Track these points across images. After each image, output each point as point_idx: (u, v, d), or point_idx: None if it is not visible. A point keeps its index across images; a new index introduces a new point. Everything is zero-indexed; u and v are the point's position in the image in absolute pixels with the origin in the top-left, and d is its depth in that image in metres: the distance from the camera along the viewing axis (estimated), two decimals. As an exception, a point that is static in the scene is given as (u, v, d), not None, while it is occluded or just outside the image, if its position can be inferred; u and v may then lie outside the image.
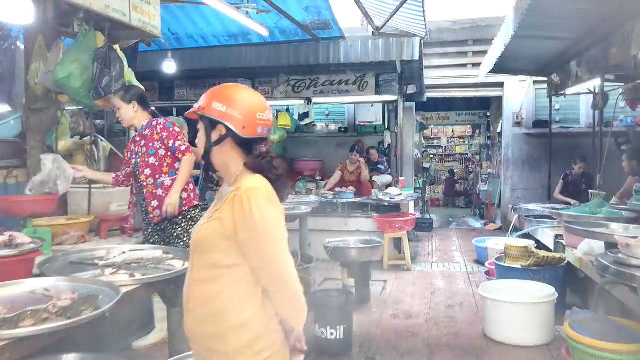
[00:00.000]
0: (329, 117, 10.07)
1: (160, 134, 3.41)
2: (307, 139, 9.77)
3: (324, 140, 9.69)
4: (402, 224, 6.36)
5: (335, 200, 6.86)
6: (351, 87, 7.30)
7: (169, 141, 3.39)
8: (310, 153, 9.75)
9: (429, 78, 9.25)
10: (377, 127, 9.35)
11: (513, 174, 8.99)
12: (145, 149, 3.41)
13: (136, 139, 3.51)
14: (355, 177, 7.66)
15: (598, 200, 4.53)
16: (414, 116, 9.53)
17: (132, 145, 3.54)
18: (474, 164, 15.72)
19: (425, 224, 9.08)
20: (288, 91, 7.48)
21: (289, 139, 9.71)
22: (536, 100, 9.05)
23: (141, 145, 3.44)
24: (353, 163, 7.71)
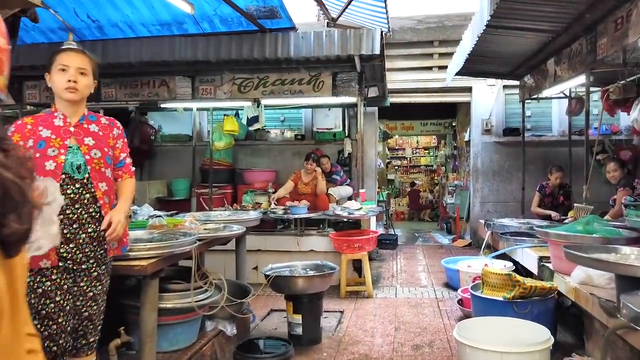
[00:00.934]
0: (284, 123, 9.17)
1: (116, 140, 2.49)
2: (260, 147, 8.83)
3: (278, 149, 8.77)
4: (362, 244, 5.48)
5: (278, 216, 5.92)
6: (305, 87, 6.42)
7: (122, 154, 2.52)
8: (263, 162, 8.80)
9: (392, 82, 8.50)
10: (337, 134, 8.51)
11: (482, 186, 8.30)
12: (101, 154, 2.37)
13: (70, 128, 2.35)
14: (310, 188, 6.78)
15: (593, 216, 3.77)
16: (376, 122, 8.75)
17: (55, 134, 2.32)
18: (439, 176, 15.13)
19: (389, 240, 8.26)
20: (233, 91, 6.54)
21: (238, 147, 8.77)
22: (506, 107, 8.43)
23: (89, 145, 2.36)
24: (308, 173, 6.82)
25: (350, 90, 6.38)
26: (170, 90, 6.67)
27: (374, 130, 8.54)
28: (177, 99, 6.66)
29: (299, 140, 8.71)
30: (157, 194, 8.67)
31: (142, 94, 6.72)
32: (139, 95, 6.73)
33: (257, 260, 6.13)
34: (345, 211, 5.90)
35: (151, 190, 8.60)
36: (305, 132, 8.88)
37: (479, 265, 5.31)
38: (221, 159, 8.37)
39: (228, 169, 8.47)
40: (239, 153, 8.86)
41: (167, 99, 6.68)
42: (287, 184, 6.78)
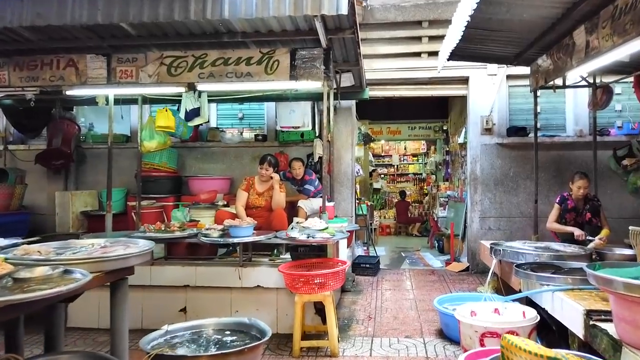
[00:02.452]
0: (243, 121, 7.61)
1: None
2: (212, 149, 7.25)
3: (235, 152, 7.20)
4: (325, 280, 3.91)
5: (211, 240, 4.33)
6: (255, 68, 4.88)
7: None
8: (216, 169, 7.23)
9: (373, 70, 7.01)
10: (305, 133, 6.98)
11: (482, 197, 6.79)
12: None
13: None
14: (264, 201, 5.21)
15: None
16: (353, 120, 7.23)
17: None
18: (429, 185, 13.64)
19: (369, 264, 6.70)
20: (161, 73, 4.97)
21: (186, 150, 7.19)
22: (510, 101, 6.96)
23: None
24: (263, 181, 5.26)
25: (314, 73, 4.84)
26: (79, 73, 5.07)
27: (351, 129, 7.02)
28: (89, 83, 5.05)
29: (260, 141, 7.15)
30: (85, 207, 7.06)
31: (42, 78, 5.11)
32: (39, 79, 5.12)
33: (185, 300, 4.54)
34: (303, 233, 4.34)
35: (76, 203, 6.98)
36: (268, 132, 7.33)
37: (486, 310, 3.78)
38: (161, 164, 6.77)
39: (171, 177, 6.87)
40: (187, 157, 7.28)
41: (75, 84, 5.07)
42: (239, 195, 5.21)
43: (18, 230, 6.08)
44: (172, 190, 6.83)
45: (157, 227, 4.66)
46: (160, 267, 4.59)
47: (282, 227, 4.89)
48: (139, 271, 2.87)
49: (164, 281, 4.55)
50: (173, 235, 4.43)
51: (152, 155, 6.74)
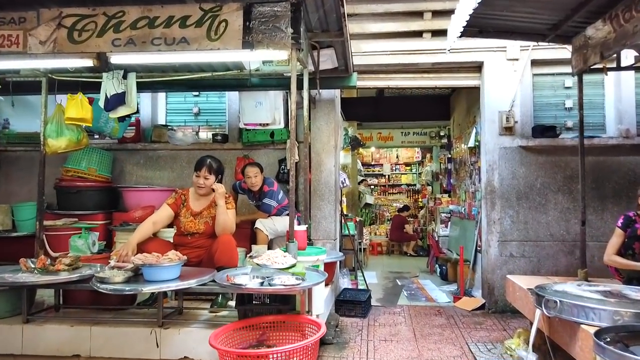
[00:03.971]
0: (200, 118, 6.07)
1: None
2: (158, 153, 5.70)
3: (188, 156, 5.66)
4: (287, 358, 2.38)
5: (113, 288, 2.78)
6: (193, 31, 3.38)
7: None
8: (163, 177, 5.68)
9: (362, 54, 5.54)
10: (276, 133, 5.47)
11: (502, 215, 5.32)
12: None
13: None
14: (204, 224, 3.60)
15: None
16: (337, 116, 5.73)
17: None
18: (424, 197, 12.19)
19: (358, 302, 5.16)
20: (60, 39, 3.45)
21: (122, 152, 5.64)
22: (535, 93, 5.53)
23: None
24: (201, 195, 3.69)
25: (278, 38, 3.38)
26: (-59, 38, 3.54)
27: (334, 128, 5.53)
28: (-46, 53, 3.52)
29: (219, 142, 5.62)
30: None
31: None
32: None
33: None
34: (257, 275, 2.81)
35: (-21, 221, 5.36)
36: (230, 131, 5.81)
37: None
38: (88, 171, 5.20)
39: (100, 188, 5.30)
40: (125, 163, 5.72)
41: None
42: (159, 213, 3.64)
43: None
44: (102, 205, 5.26)
45: (40, 263, 3.10)
46: (39, 325, 3.01)
47: (230, 261, 3.35)
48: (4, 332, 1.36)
49: (43, 349, 2.97)
50: (49, 279, 2.87)
51: (76, 159, 5.20)
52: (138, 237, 3.33)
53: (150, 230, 3.48)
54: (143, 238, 3.38)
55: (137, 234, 3.37)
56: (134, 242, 3.26)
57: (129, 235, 4.45)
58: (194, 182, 3.62)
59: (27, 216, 5.27)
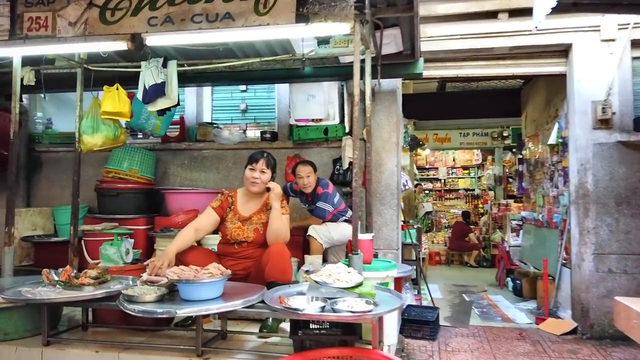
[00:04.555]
0: (247, 115, 5.61)
1: None
2: (203, 153, 5.27)
3: (234, 156, 5.20)
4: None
5: (142, 311, 2.29)
6: (239, 4, 2.88)
7: None
8: (208, 179, 5.24)
9: (428, 39, 4.90)
10: (330, 129, 4.90)
11: (599, 224, 4.50)
12: None
13: None
14: (254, 231, 3.03)
15: None
16: (398, 109, 5.09)
17: None
18: (486, 203, 11.29)
19: (425, 322, 4.49)
20: (90, 21, 3.03)
21: (166, 153, 5.26)
22: (635, 80, 4.69)
23: None
24: (253, 195, 3.13)
25: (338, 9, 2.81)
26: (-32, 24, 3.21)
27: (395, 123, 4.90)
28: (-19, 39, 3.18)
29: (268, 141, 5.12)
30: (32, 230, 5.20)
31: None
32: None
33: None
34: (315, 295, 2.24)
35: (19, 225, 5.11)
36: (280, 129, 5.30)
37: None
38: (130, 172, 4.83)
39: (142, 190, 4.92)
40: (169, 164, 5.32)
41: (-39, 41, 3.21)
42: (201, 218, 3.12)
43: None
44: (144, 209, 4.87)
45: (64, 275, 2.65)
46: (61, 349, 2.55)
47: (283, 275, 2.79)
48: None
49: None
50: (69, 296, 2.40)
51: (118, 159, 4.84)
52: (177, 246, 2.84)
53: (191, 238, 2.98)
54: (183, 247, 2.88)
55: (176, 242, 2.87)
56: (172, 252, 2.77)
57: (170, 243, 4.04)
58: (247, 177, 3.05)
59: (68, 220, 4.95)
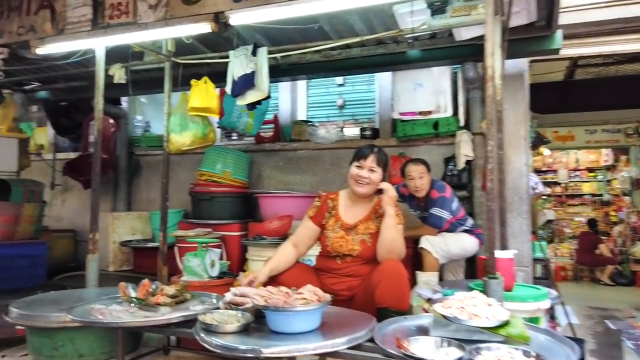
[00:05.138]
0: (345, 111, 5.09)
1: None
2: (299, 153, 4.85)
3: (331, 157, 4.71)
4: None
5: (212, 341, 1.80)
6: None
7: None
8: (305, 182, 4.80)
9: (564, 11, 4.00)
10: (442, 123, 4.21)
11: None
12: None
13: None
14: (359, 243, 2.44)
15: None
16: (526, 95, 4.22)
17: None
18: (620, 210, 9.68)
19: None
20: (172, 2, 2.71)
21: (260, 154, 4.94)
22: None
23: None
24: (359, 196, 2.52)
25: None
26: (56, 17, 3.06)
27: (522, 113, 4.06)
28: (67, 31, 3.00)
29: (368, 139, 4.54)
30: (131, 234, 5.15)
31: (9, 32, 3.19)
32: (4, 33, 3.21)
33: None
34: (446, 333, 1.61)
35: (119, 229, 5.09)
36: (381, 125, 4.71)
37: None
38: (224, 174, 4.53)
39: (237, 194, 4.60)
40: (263, 166, 4.98)
41: (50, 35, 3.06)
42: (299, 233, 2.58)
43: (23, 268, 4.29)
44: (238, 214, 4.54)
45: (141, 291, 2.30)
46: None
47: (398, 301, 2.19)
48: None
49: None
50: (141, 320, 2.00)
51: (211, 161, 4.57)
52: (271, 266, 2.35)
53: (289, 256, 2.46)
54: (280, 268, 2.38)
55: (271, 261, 2.39)
56: (264, 273, 2.29)
57: (262, 252, 3.62)
58: (353, 175, 2.48)
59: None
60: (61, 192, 5.85)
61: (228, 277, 2.80)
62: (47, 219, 5.57)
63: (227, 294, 2.11)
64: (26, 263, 4.33)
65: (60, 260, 5.25)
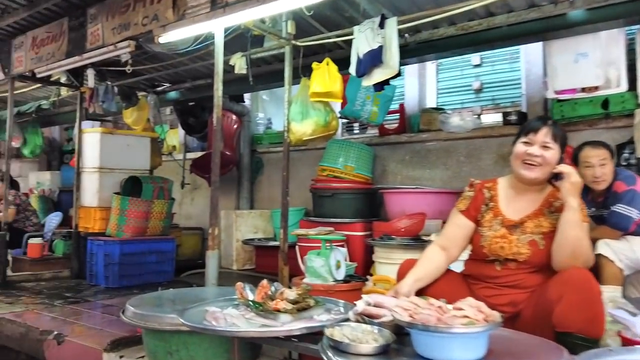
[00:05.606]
0: (482, 96, 4.44)
1: None
2: (428, 145, 4.33)
3: (467, 148, 4.12)
4: None
5: None
6: None
7: None
8: (434, 176, 4.27)
9: None
10: (614, 101, 3.40)
11: None
12: None
13: None
14: (527, 245, 1.83)
15: None
16: None
17: None
18: None
19: None
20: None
21: (384, 147, 4.52)
22: None
23: None
24: (529, 181, 1.88)
25: None
26: (177, 4, 2.95)
27: None
28: (187, 16, 2.88)
29: (514, 124, 3.86)
30: (254, 233, 5.07)
31: (134, 24, 3.18)
32: (130, 25, 3.21)
33: None
34: None
35: (241, 227, 5.03)
36: (529, 107, 3.99)
37: None
38: (346, 169, 4.19)
39: (360, 190, 4.23)
40: (387, 160, 4.55)
41: (171, 22, 2.96)
42: (449, 231, 2.03)
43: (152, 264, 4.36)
44: (361, 212, 4.16)
45: (260, 294, 1.99)
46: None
47: (590, 325, 1.60)
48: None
49: None
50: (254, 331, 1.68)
51: (332, 155, 4.26)
52: (418, 274, 1.89)
53: (438, 262, 1.95)
54: (428, 278, 1.90)
55: (418, 268, 1.91)
56: (411, 282, 1.84)
57: (390, 255, 3.18)
58: (518, 154, 1.87)
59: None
60: (190, 191, 6.00)
61: (356, 281, 2.39)
62: (178, 216, 5.75)
63: (358, 303, 1.70)
64: (155, 259, 4.40)
65: (188, 257, 5.35)
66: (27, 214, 5.08)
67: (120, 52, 3.27)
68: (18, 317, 2.84)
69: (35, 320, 2.80)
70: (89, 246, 4.23)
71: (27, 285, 4.07)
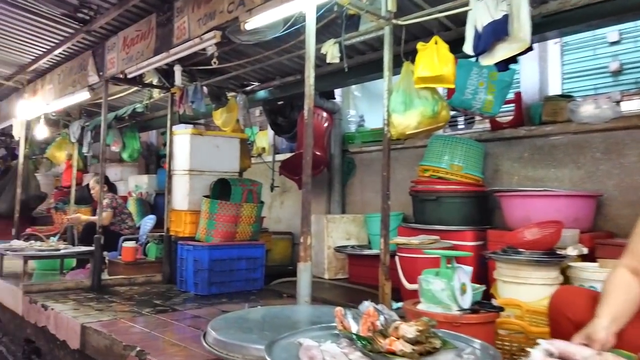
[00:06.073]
0: (621, 79, 3.66)
1: None
2: (553, 140, 3.66)
3: (604, 142, 3.40)
4: None
5: None
6: None
7: None
8: (563, 178, 3.58)
9: None
10: None
11: None
12: None
13: None
14: None
15: None
16: None
17: None
18: None
19: None
20: None
21: (496, 144, 3.91)
22: None
23: None
24: None
25: None
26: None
27: None
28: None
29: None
30: (346, 239, 4.70)
31: (220, 12, 2.93)
32: (215, 14, 2.96)
33: None
34: None
35: (333, 233, 4.68)
36: (693, 89, 3.17)
37: None
38: (453, 169, 3.66)
39: (469, 193, 3.66)
40: (500, 158, 3.94)
41: (257, 5, 2.66)
42: (636, 247, 1.43)
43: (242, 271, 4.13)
44: (471, 219, 3.60)
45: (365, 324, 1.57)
46: None
47: None
48: None
49: None
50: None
51: (435, 153, 3.76)
52: (614, 311, 1.33)
53: (634, 294, 1.39)
54: (626, 315, 1.34)
55: (611, 302, 1.36)
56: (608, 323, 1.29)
57: (518, 272, 2.60)
58: None
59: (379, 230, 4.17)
60: (279, 194, 5.77)
61: (487, 310, 1.83)
62: (267, 220, 5.54)
63: (534, 353, 1.20)
64: (245, 265, 4.17)
65: (279, 263, 5.10)
66: (123, 216, 5.14)
67: (206, 44, 3.04)
68: (104, 327, 2.70)
69: (120, 331, 2.63)
70: (179, 251, 4.11)
71: (120, 289, 4.02)
